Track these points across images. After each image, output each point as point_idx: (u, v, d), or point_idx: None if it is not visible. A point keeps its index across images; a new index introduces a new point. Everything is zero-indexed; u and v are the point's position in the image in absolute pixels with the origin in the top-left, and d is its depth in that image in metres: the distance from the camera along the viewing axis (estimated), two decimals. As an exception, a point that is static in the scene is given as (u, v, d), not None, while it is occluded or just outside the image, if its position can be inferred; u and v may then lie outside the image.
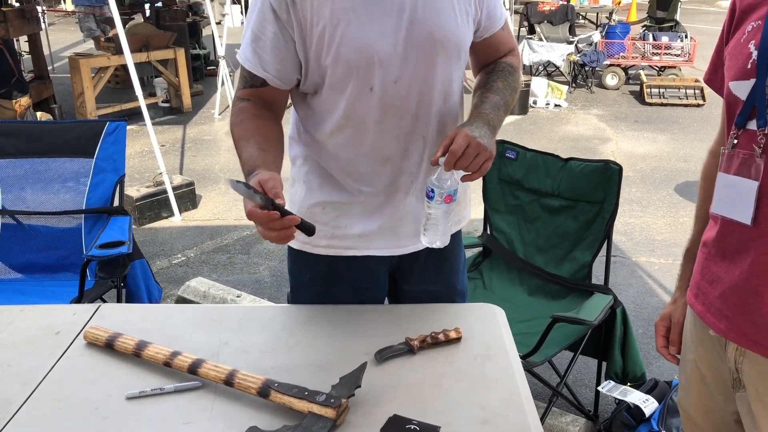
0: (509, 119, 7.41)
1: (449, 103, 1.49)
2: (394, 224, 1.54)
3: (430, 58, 1.40)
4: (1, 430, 1.17)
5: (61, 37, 13.04)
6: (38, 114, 6.37)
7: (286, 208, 1.22)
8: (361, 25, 1.34)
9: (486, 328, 1.49)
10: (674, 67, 8.90)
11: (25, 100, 5.80)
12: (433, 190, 1.37)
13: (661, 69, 9.07)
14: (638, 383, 2.43)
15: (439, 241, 1.44)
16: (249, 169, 1.31)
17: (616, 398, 2.38)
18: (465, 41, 1.47)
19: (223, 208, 5.00)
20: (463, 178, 1.35)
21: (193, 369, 1.29)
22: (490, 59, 1.60)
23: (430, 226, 1.42)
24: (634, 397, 2.31)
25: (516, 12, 10.54)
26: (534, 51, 8.90)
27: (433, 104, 1.45)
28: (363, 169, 1.49)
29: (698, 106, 8.05)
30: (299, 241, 1.59)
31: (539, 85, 8.13)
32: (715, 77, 1.37)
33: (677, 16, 9.69)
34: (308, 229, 1.25)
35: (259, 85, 1.44)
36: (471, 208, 1.72)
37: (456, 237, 1.66)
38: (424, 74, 1.41)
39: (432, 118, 1.47)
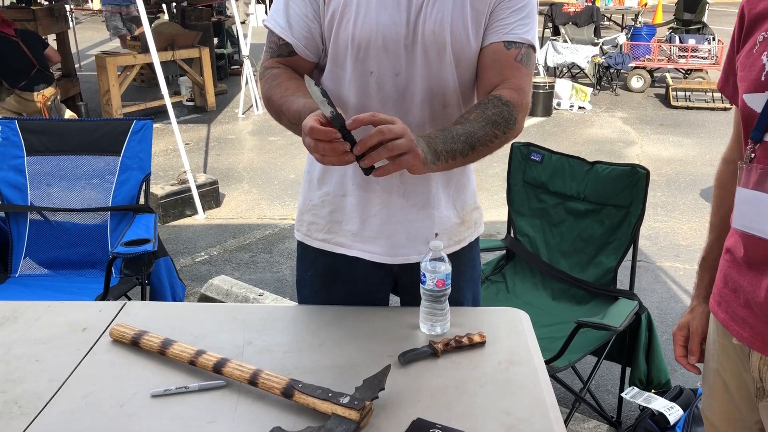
0: (533, 121, 7.38)
1: (449, 109, 1.45)
2: (387, 228, 1.51)
3: (429, 59, 1.39)
4: (30, 424, 1.18)
5: (88, 36, 13.20)
6: (67, 113, 6.43)
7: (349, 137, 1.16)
8: (372, 8, 1.35)
9: (510, 332, 1.47)
10: (701, 70, 8.79)
11: (48, 91, 5.78)
12: (424, 274, 1.38)
13: (688, 72, 8.97)
14: (663, 390, 2.40)
15: (439, 327, 1.44)
16: (310, 111, 1.25)
17: (640, 405, 2.35)
18: (470, 48, 1.40)
19: (246, 206, 5.02)
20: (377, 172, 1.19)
21: (218, 368, 1.29)
22: (487, 77, 1.42)
23: (425, 311, 1.43)
24: (659, 404, 2.28)
25: (540, 13, 10.47)
26: (558, 53, 8.85)
27: (429, 106, 1.43)
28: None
29: (725, 109, 7.94)
30: (301, 233, 1.60)
31: (563, 87, 8.07)
32: (727, 84, 1.34)
33: (705, 18, 9.58)
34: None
35: (287, 54, 1.44)
36: (482, 227, 1.66)
37: (467, 252, 1.61)
38: (422, 73, 1.40)
39: (427, 121, 1.44)
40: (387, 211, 1.50)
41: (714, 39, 8.88)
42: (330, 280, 1.60)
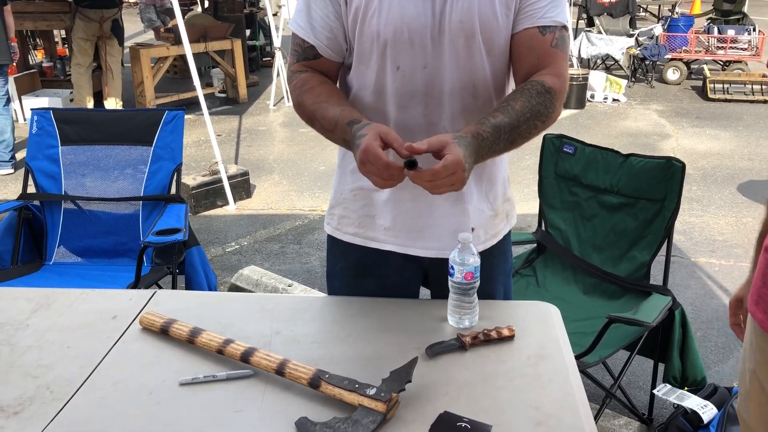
0: (566, 113, 7.28)
1: (480, 99, 1.42)
2: (419, 222, 1.49)
3: (458, 48, 1.36)
4: (62, 409, 1.20)
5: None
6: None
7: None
8: (395, 1, 1.33)
9: (540, 326, 1.45)
10: (740, 62, 8.58)
11: (109, 12, 6.37)
12: (453, 267, 1.37)
13: (726, 63, 8.76)
14: (697, 388, 2.35)
15: (467, 320, 1.42)
16: (348, 120, 1.30)
17: (673, 402, 2.30)
18: (500, 34, 1.37)
19: (276, 197, 5.05)
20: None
21: (246, 357, 1.30)
22: (523, 65, 1.40)
23: (453, 304, 1.42)
24: (692, 402, 2.23)
25: (575, 4, 10.33)
26: (592, 44, 8.72)
27: (460, 97, 1.40)
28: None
29: (765, 102, 7.75)
30: (331, 227, 1.59)
31: (597, 78, 7.95)
32: None
33: (745, 8, 9.34)
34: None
35: (312, 57, 1.44)
36: (514, 219, 1.64)
37: (500, 245, 1.59)
38: (451, 63, 1.37)
39: (458, 112, 1.41)
40: (419, 207, 1.48)
41: (754, 29, 8.66)
42: (361, 274, 1.60)
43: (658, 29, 9.05)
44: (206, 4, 9.53)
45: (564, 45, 1.40)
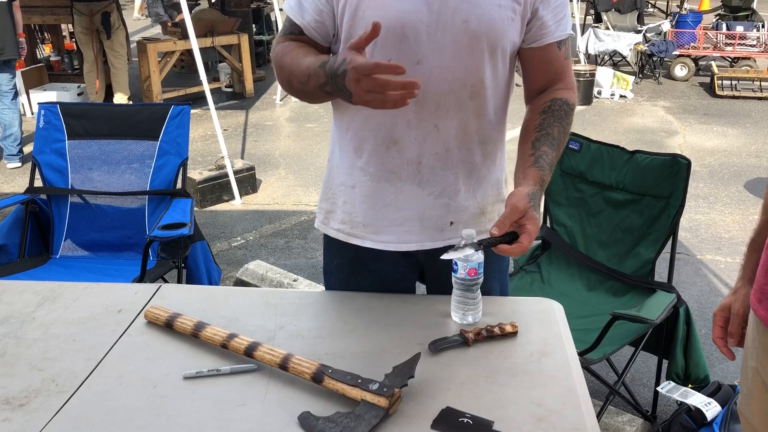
0: (572, 110, 7.26)
1: (476, 100, 1.41)
2: (399, 216, 1.49)
3: (460, 48, 1.35)
4: (67, 401, 1.21)
5: (131, 22, 13.37)
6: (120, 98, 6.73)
7: None
8: None
9: (543, 323, 1.45)
10: (748, 58, 8.54)
11: (98, 6, 6.38)
12: (456, 263, 1.37)
13: (735, 60, 8.72)
14: (701, 385, 2.35)
15: (471, 317, 1.43)
16: (319, 63, 1.27)
17: (676, 400, 2.30)
18: (506, 37, 1.37)
19: (282, 192, 5.05)
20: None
21: (249, 352, 1.30)
22: (539, 78, 1.47)
23: (457, 300, 1.42)
24: (696, 399, 2.23)
25: (582, 0, 10.28)
26: (600, 40, 8.69)
27: (456, 97, 1.39)
28: (368, 147, 1.45)
29: (773, 99, 7.71)
30: (318, 220, 1.61)
31: (604, 75, 7.92)
32: None
33: (754, 5, 9.29)
34: None
35: (298, 33, 1.44)
36: None
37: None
38: (450, 63, 1.36)
39: (451, 111, 1.40)
40: (401, 200, 1.48)
41: (763, 26, 8.62)
42: (357, 270, 1.60)
43: (666, 25, 9.02)
44: (213, -1, 9.53)
45: (570, 53, 1.47)
